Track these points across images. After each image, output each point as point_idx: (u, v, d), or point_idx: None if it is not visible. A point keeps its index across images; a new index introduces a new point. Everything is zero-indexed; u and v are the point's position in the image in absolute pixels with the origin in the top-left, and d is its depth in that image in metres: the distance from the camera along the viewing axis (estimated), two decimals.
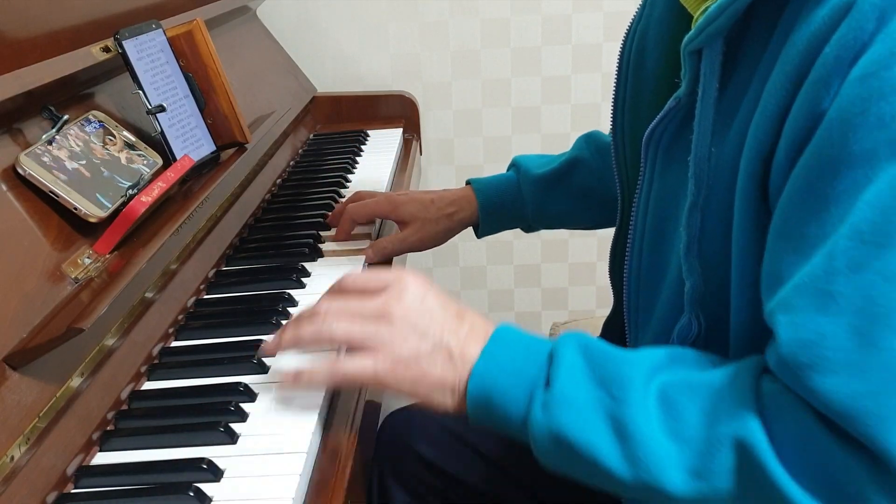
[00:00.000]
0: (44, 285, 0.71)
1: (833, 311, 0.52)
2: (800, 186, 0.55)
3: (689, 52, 0.64)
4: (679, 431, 0.57)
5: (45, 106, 0.83)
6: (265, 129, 1.20)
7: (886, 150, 0.51)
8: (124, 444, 0.69)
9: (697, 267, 0.66)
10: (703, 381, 0.59)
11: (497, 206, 1.08)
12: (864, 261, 0.51)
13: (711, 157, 0.64)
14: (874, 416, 0.50)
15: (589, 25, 1.72)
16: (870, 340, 0.51)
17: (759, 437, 0.54)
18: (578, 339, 0.64)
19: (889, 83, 0.51)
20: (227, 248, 1.05)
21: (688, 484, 0.57)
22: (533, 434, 0.61)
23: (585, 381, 0.60)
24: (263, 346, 0.74)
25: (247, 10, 1.55)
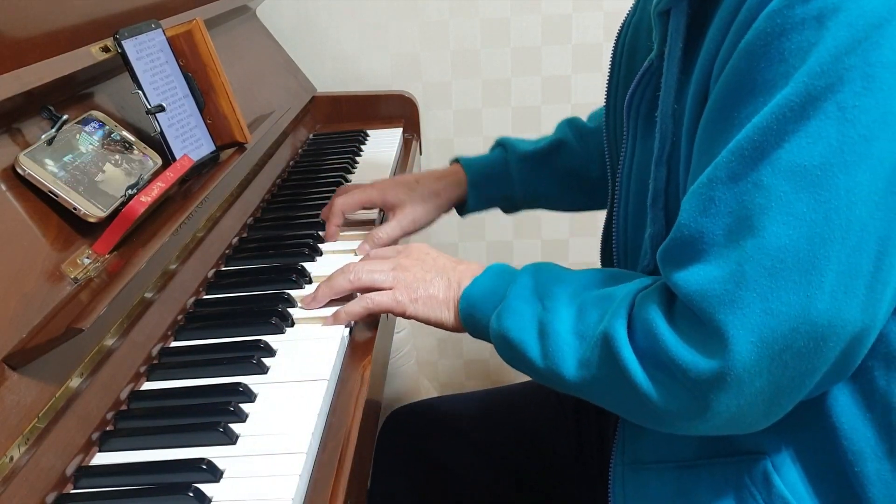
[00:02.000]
0: (43, 285, 0.71)
1: (712, 213, 0.60)
2: (713, 112, 0.63)
3: (658, 13, 0.71)
4: (582, 331, 0.69)
5: (44, 106, 0.82)
6: (265, 129, 1.20)
7: (782, 81, 0.58)
8: (124, 445, 0.69)
9: (662, 217, 0.73)
10: (610, 293, 0.70)
11: (485, 183, 1.11)
12: (740, 171, 0.59)
13: (675, 113, 0.70)
14: (717, 297, 0.59)
15: (589, 25, 1.72)
16: (736, 238, 0.59)
17: (619, 332, 0.65)
18: (539, 265, 0.78)
19: (790, 21, 0.57)
20: (227, 248, 1.05)
21: (577, 372, 0.69)
22: (491, 336, 0.76)
23: (528, 294, 0.74)
24: (303, 301, 0.89)
25: (246, 10, 1.55)
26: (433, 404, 1.13)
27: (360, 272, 0.84)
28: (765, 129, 0.58)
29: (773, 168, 0.57)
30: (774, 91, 0.58)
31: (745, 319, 0.58)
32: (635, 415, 0.69)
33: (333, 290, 0.86)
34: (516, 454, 1.01)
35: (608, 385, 0.67)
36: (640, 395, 0.64)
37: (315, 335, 0.84)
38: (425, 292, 0.81)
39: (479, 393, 1.11)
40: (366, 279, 0.84)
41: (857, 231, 0.57)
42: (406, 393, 1.75)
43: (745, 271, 0.58)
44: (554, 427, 1.02)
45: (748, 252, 0.58)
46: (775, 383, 0.60)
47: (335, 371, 0.78)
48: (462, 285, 0.80)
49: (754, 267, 0.58)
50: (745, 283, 0.58)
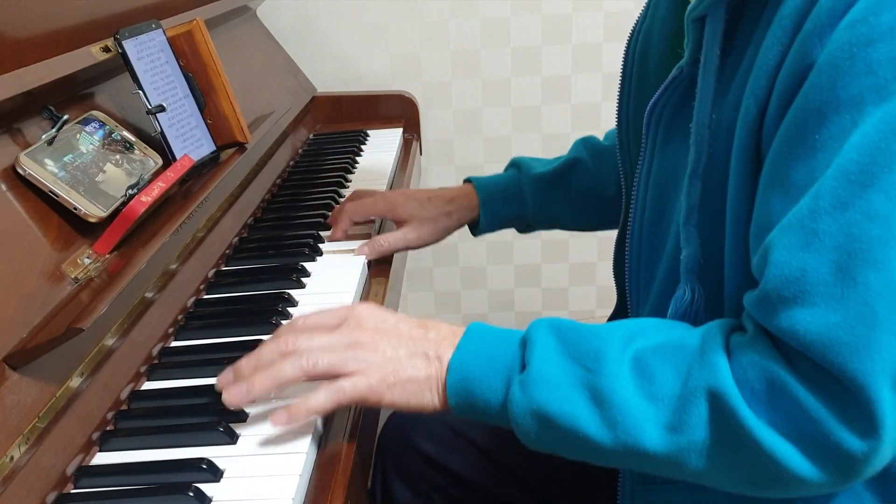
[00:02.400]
0: (43, 285, 0.71)
1: (816, 248, 0.53)
2: (789, 134, 0.56)
3: (692, 20, 0.66)
4: (654, 392, 0.59)
5: (44, 106, 0.82)
6: (265, 129, 1.20)
7: (873, 96, 0.52)
8: (124, 444, 0.69)
9: (695, 236, 0.66)
10: (674, 342, 0.61)
11: (498, 205, 1.08)
12: (847, 200, 0.52)
13: (712, 124, 0.64)
14: (846, 345, 0.52)
15: (589, 25, 1.72)
16: (850, 275, 0.52)
17: (728, 386, 0.56)
18: (549, 322, 0.66)
19: (877, 29, 0.52)
20: (227, 248, 1.05)
21: (665, 440, 0.58)
22: (514, 415, 0.63)
23: (559, 357, 0.62)
24: (228, 398, 0.67)
25: (247, 10, 1.55)
26: None
27: (316, 356, 0.66)
28: (871, 151, 0.52)
29: (888, 195, 0.51)
30: (864, 107, 0.52)
31: (885, 365, 0.51)
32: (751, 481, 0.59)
33: (277, 380, 0.66)
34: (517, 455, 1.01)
35: (715, 451, 0.58)
36: (767, 458, 0.55)
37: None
38: (402, 374, 0.66)
39: None
40: (323, 364, 0.66)
41: None
42: None
43: (875, 311, 0.51)
44: None
45: (875, 289, 0.51)
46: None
47: None
48: (443, 357, 0.66)
49: (885, 305, 0.51)
50: (877, 324, 0.51)
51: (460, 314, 1.97)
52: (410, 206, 1.06)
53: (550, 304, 1.96)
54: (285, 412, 0.66)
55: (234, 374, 0.69)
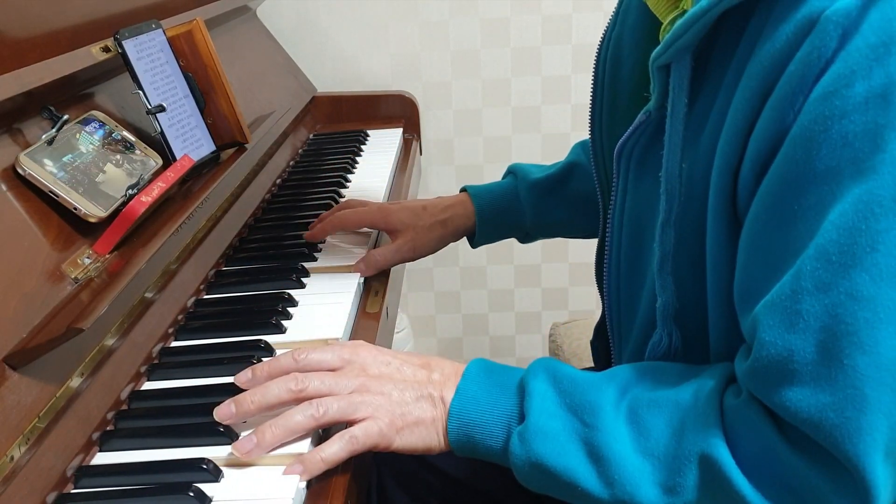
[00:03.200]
0: (44, 285, 0.71)
1: (801, 329, 0.53)
2: (767, 203, 0.56)
3: (657, 67, 0.64)
4: (649, 448, 0.60)
5: (44, 106, 0.82)
6: (265, 129, 1.20)
7: (850, 168, 0.52)
8: (124, 445, 0.69)
9: (671, 284, 0.67)
10: (669, 397, 0.61)
11: (495, 213, 1.06)
12: (830, 281, 0.52)
13: (682, 173, 0.64)
14: (837, 427, 0.52)
15: (589, 25, 1.72)
16: (835, 356, 0.52)
17: (722, 452, 0.57)
18: (546, 368, 0.66)
19: (851, 102, 0.51)
20: (227, 248, 1.05)
21: (661, 499, 0.59)
22: (514, 464, 0.65)
23: (557, 410, 0.63)
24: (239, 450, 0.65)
25: (247, 10, 1.55)
26: None
27: (326, 405, 0.66)
28: (851, 230, 0.51)
29: (871, 275, 0.51)
30: (841, 179, 0.52)
31: (876, 444, 0.52)
32: None
33: (290, 430, 0.66)
34: None
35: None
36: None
37: (315, 335, 0.84)
38: (411, 417, 0.67)
39: None
40: (333, 413, 0.65)
41: None
42: None
43: (865, 394, 0.52)
44: None
45: (863, 371, 0.52)
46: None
47: None
48: (446, 398, 0.67)
49: (875, 387, 0.52)
50: (867, 406, 0.52)
51: (460, 314, 1.97)
52: (404, 215, 1.03)
53: (550, 304, 1.96)
54: (300, 464, 0.64)
55: (237, 409, 0.67)
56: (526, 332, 1.99)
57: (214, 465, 0.64)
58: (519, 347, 2.00)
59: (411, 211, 1.03)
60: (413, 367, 0.70)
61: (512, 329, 1.99)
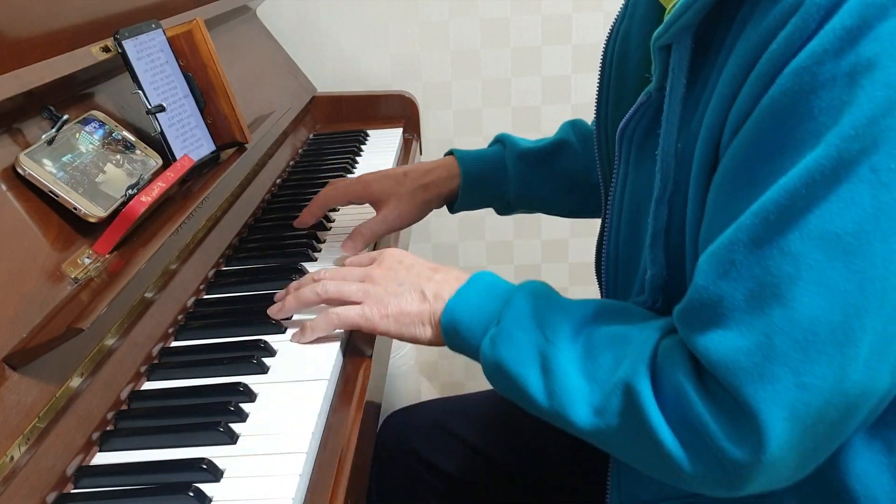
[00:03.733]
0: (43, 285, 0.71)
1: (733, 277, 0.57)
2: (731, 167, 0.59)
3: (658, 48, 0.67)
4: (593, 373, 0.65)
5: (44, 106, 0.82)
6: (265, 129, 1.20)
7: (811, 141, 0.54)
8: (124, 444, 0.69)
9: (662, 258, 0.70)
10: (623, 332, 0.66)
11: (480, 179, 1.05)
12: (765, 236, 0.56)
13: (677, 152, 0.67)
14: (744, 370, 0.56)
15: (589, 25, 1.72)
16: (759, 306, 0.56)
17: (643, 384, 0.61)
18: (533, 287, 0.73)
19: (819, 78, 0.54)
20: (227, 248, 1.05)
21: (590, 418, 0.64)
22: (482, 362, 0.71)
23: (527, 322, 0.69)
24: (271, 311, 0.84)
25: (247, 10, 1.55)
26: (432, 405, 1.13)
27: (328, 284, 0.80)
28: (792, 193, 0.54)
29: (803, 235, 0.54)
30: (803, 150, 0.55)
31: (776, 395, 0.55)
32: (653, 470, 0.65)
33: (300, 301, 0.82)
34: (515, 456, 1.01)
35: (626, 438, 0.64)
36: (665, 455, 0.60)
37: None
38: (396, 307, 0.76)
39: (479, 394, 1.11)
40: (333, 292, 0.79)
41: (894, 300, 0.54)
42: (406, 393, 1.75)
43: (774, 344, 0.55)
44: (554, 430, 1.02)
45: (777, 324, 0.55)
46: (804, 453, 0.58)
47: (335, 371, 0.78)
48: (440, 296, 0.75)
49: (784, 339, 0.55)
50: (774, 356, 0.55)
51: None
52: (385, 184, 1.02)
53: None
54: (300, 332, 0.81)
55: (282, 294, 0.85)
56: None
57: (214, 465, 0.64)
58: None
59: (392, 178, 1.03)
60: (421, 267, 0.80)
61: None
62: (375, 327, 0.77)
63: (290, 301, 0.83)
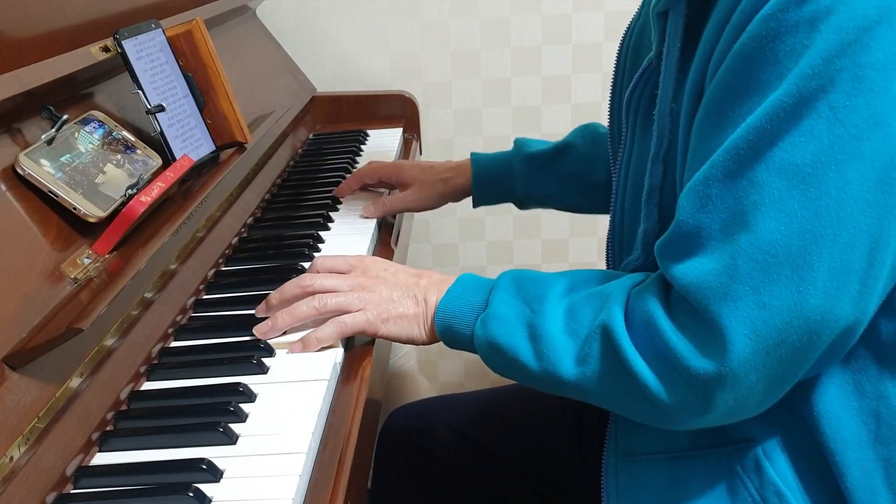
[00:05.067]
0: (43, 285, 0.71)
1: (709, 209, 0.62)
2: (707, 110, 0.64)
3: (656, 14, 0.72)
4: (574, 329, 0.70)
5: (44, 106, 0.82)
6: (265, 129, 1.20)
7: (775, 84, 0.59)
8: (124, 445, 0.69)
9: (655, 214, 0.74)
10: (601, 290, 0.71)
11: (489, 180, 1.17)
12: (736, 170, 0.60)
13: (672, 112, 0.71)
14: (711, 289, 0.61)
15: (589, 25, 1.72)
16: (731, 234, 0.60)
17: (617, 322, 0.66)
18: (514, 272, 0.78)
19: (784, 24, 0.58)
20: (227, 248, 1.05)
21: (575, 369, 0.69)
22: (476, 345, 0.75)
23: (512, 300, 0.74)
24: (260, 330, 0.82)
25: (246, 10, 1.55)
26: (433, 404, 1.13)
27: (325, 298, 0.81)
28: (759, 129, 0.59)
29: (767, 166, 0.59)
30: (768, 91, 0.59)
31: (738, 312, 0.60)
32: (635, 410, 0.70)
33: (296, 317, 0.81)
34: (516, 454, 1.01)
35: (608, 380, 0.68)
36: (641, 386, 0.65)
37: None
38: (395, 311, 0.80)
39: (479, 392, 1.12)
40: (332, 304, 0.81)
41: (849, 228, 0.58)
42: (406, 393, 1.75)
43: (738, 265, 0.60)
44: (555, 427, 1.02)
45: (741, 246, 0.60)
46: (769, 376, 0.62)
47: (335, 371, 0.78)
48: (429, 300, 0.80)
49: (747, 261, 0.59)
50: (737, 276, 0.60)
51: None
52: (414, 171, 1.18)
53: None
54: (300, 343, 0.80)
55: (266, 305, 0.84)
56: None
57: (214, 465, 0.64)
58: None
59: (420, 168, 1.19)
60: (406, 273, 0.83)
61: None
62: (378, 331, 0.80)
63: (284, 318, 0.81)
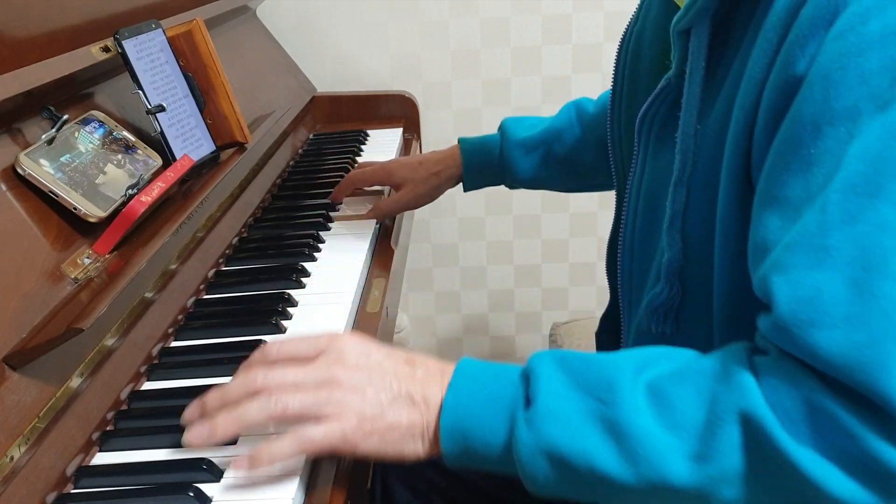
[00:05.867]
0: (43, 285, 0.71)
1: (829, 266, 0.51)
2: (782, 149, 0.55)
3: (677, 32, 0.66)
4: (675, 421, 0.55)
5: (44, 106, 0.82)
6: (265, 129, 1.20)
7: (869, 105, 0.51)
8: (124, 445, 0.69)
9: (679, 241, 0.67)
10: (692, 368, 0.57)
11: (479, 166, 1.17)
12: (857, 212, 0.50)
13: (697, 134, 0.65)
14: (874, 364, 0.49)
15: (589, 25, 1.72)
16: (867, 290, 0.50)
17: (761, 407, 0.53)
18: (551, 354, 0.61)
19: (867, 38, 0.51)
20: (227, 248, 1.05)
21: (692, 471, 0.54)
22: (520, 457, 0.58)
23: (568, 390, 0.58)
24: (190, 438, 0.62)
25: (247, 10, 1.55)
26: None
27: (285, 399, 0.60)
28: (875, 160, 0.50)
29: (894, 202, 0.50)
30: (860, 117, 0.51)
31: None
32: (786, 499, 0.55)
33: (244, 423, 0.61)
34: None
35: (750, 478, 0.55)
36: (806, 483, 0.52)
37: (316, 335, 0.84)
38: (382, 421, 0.60)
39: None
40: (294, 407, 0.60)
41: None
42: None
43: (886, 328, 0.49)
44: None
45: (882, 306, 0.49)
46: None
47: None
48: (430, 398, 0.61)
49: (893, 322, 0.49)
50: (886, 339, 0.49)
51: (460, 314, 1.97)
52: (404, 171, 1.18)
53: (550, 304, 1.96)
54: (246, 459, 0.61)
55: (201, 409, 0.63)
56: (526, 332, 1.99)
57: (214, 465, 0.64)
58: (519, 347, 2.00)
59: (409, 166, 1.19)
60: (395, 361, 0.63)
61: (512, 329, 1.99)
62: (356, 448, 0.60)
63: (226, 424, 0.61)
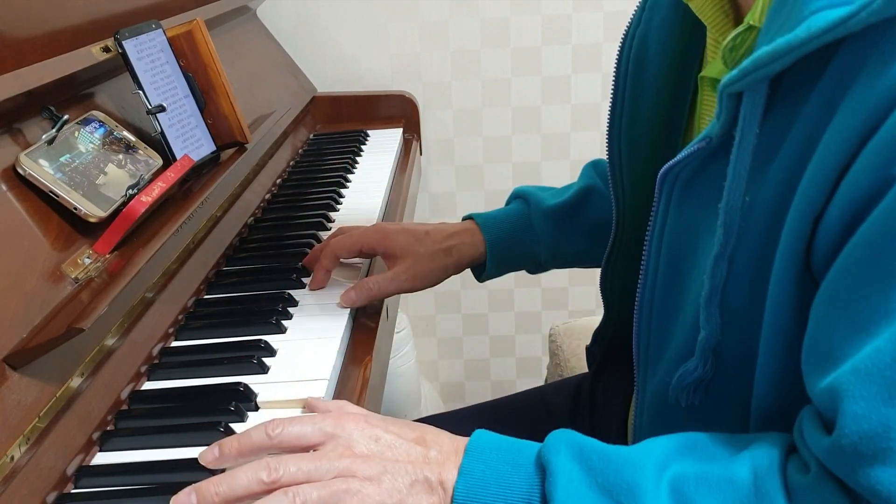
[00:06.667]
0: (44, 285, 0.71)
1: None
2: (859, 256, 0.50)
3: (728, 94, 0.58)
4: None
5: (45, 106, 0.83)
6: (265, 129, 1.20)
7: None
8: (124, 444, 0.69)
9: (717, 317, 0.62)
10: (721, 475, 0.54)
11: (507, 244, 0.97)
12: None
13: (744, 206, 0.59)
14: None
15: (589, 25, 1.72)
16: None
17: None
18: (569, 443, 0.58)
19: None
20: (227, 248, 1.05)
21: None
22: None
23: (588, 491, 0.55)
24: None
25: (247, 10, 1.55)
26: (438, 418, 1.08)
27: (304, 494, 0.56)
28: None
29: None
30: None
31: None
32: None
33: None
34: None
35: None
36: None
37: (316, 335, 0.84)
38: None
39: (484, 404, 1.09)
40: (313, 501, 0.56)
41: None
42: (406, 393, 1.76)
43: None
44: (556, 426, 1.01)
45: None
46: None
47: (335, 371, 0.78)
48: (447, 483, 0.58)
49: None
50: None
51: (460, 314, 1.97)
52: (404, 239, 0.92)
53: (550, 305, 1.96)
54: None
55: (198, 498, 0.57)
56: (526, 332, 1.99)
57: None
58: (519, 347, 2.00)
59: (412, 235, 0.93)
60: (406, 442, 0.60)
61: (512, 329, 1.99)
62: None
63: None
